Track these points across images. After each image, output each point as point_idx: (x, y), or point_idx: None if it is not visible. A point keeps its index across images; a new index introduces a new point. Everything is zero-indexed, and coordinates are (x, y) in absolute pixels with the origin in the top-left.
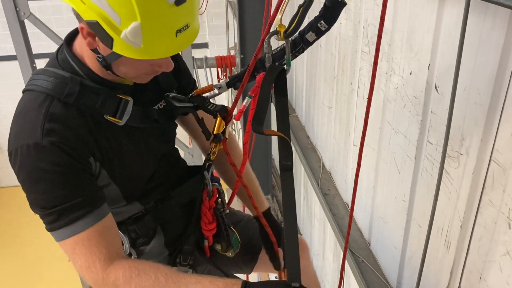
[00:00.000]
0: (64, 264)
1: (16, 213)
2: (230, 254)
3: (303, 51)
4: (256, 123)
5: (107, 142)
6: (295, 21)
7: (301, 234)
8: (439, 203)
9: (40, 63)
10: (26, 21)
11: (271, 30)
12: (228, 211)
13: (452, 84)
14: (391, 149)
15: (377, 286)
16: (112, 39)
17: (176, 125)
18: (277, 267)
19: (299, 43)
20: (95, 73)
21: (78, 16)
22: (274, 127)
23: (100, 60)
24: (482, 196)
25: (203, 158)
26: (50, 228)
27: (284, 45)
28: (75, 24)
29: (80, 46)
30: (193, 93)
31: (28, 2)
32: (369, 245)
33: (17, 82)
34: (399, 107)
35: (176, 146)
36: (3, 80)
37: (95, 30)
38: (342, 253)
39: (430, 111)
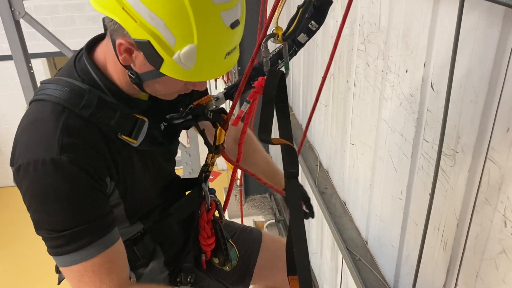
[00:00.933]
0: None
1: (15, 213)
2: (228, 268)
3: (295, 54)
4: (262, 132)
5: (122, 160)
6: (295, 22)
7: None
8: (435, 202)
9: (36, 63)
10: (22, 21)
11: (268, 33)
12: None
13: (448, 82)
14: (388, 148)
15: (374, 284)
16: (162, 60)
17: (178, 143)
18: None
19: (291, 46)
20: (117, 86)
21: (117, 31)
22: (274, 132)
23: (133, 77)
24: (478, 194)
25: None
26: (55, 253)
27: (277, 49)
28: (71, 23)
29: (105, 55)
30: (191, 105)
31: (24, 1)
32: (366, 243)
33: (13, 82)
34: (395, 105)
35: None
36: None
37: (144, 50)
38: (339, 252)
39: (426, 109)
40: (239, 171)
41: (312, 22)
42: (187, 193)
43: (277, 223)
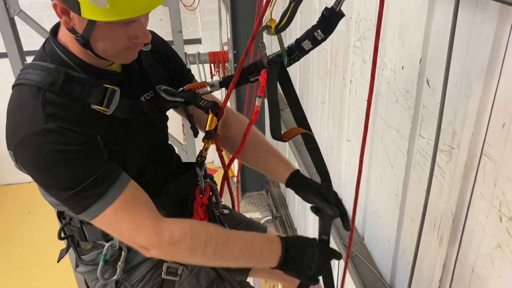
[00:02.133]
0: (61, 264)
1: (12, 212)
2: None
3: (298, 59)
4: (274, 130)
5: (102, 127)
6: (286, 16)
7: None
8: (431, 197)
9: (31, 61)
10: (16, 18)
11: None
12: (227, 211)
13: (444, 78)
14: (384, 144)
15: (371, 280)
16: (78, 3)
17: (167, 118)
18: None
19: (294, 51)
20: (82, 60)
21: None
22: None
23: (78, 38)
24: (474, 190)
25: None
26: (83, 208)
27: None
28: None
29: (63, 34)
30: (185, 87)
31: None
32: (363, 239)
33: (8, 80)
34: (391, 101)
35: (170, 143)
36: None
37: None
38: (336, 248)
39: (422, 105)
40: (236, 169)
41: (318, 31)
42: None
43: (274, 220)
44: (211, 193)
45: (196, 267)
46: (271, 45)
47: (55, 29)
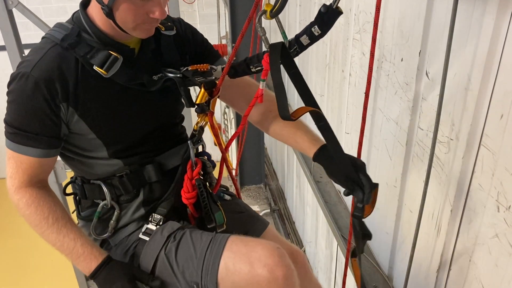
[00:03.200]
0: (56, 255)
1: (8, 205)
2: (212, 227)
3: (297, 54)
4: (281, 110)
5: (90, 92)
6: (279, 1)
7: (303, 247)
8: (430, 188)
9: None
10: (14, 10)
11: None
12: (228, 197)
13: (443, 70)
14: (383, 136)
15: (369, 271)
16: None
17: (178, 104)
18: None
19: (293, 45)
20: (101, 30)
21: None
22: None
23: (104, 8)
24: (472, 180)
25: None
26: (5, 134)
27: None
28: (63, 13)
29: (92, 7)
30: (188, 67)
31: None
32: None
33: (5, 74)
34: (390, 94)
35: (183, 125)
36: None
37: None
38: (334, 239)
39: (421, 97)
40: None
41: (316, 27)
42: None
43: (272, 213)
44: (203, 170)
45: (166, 223)
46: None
47: (85, 3)
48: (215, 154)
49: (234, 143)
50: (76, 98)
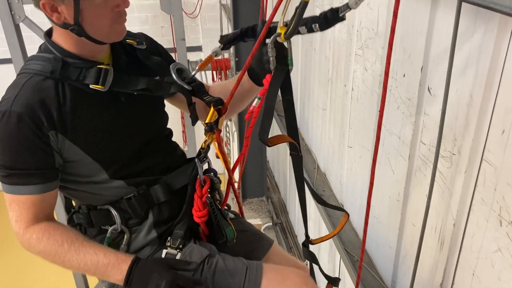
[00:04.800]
0: (59, 269)
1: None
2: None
3: (289, 37)
4: (262, 132)
5: (79, 114)
6: (293, 23)
7: (306, 264)
8: (433, 202)
9: None
10: (21, 24)
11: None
12: (233, 215)
13: (445, 86)
14: (385, 150)
15: (372, 285)
16: None
17: (163, 108)
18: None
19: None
20: (72, 53)
21: None
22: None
23: (73, 28)
24: (474, 195)
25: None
26: (0, 180)
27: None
28: None
29: (56, 35)
30: (197, 67)
31: (24, 5)
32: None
33: None
34: (393, 108)
35: (174, 140)
36: None
37: None
38: (337, 253)
39: (423, 112)
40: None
41: (316, 25)
42: None
43: (274, 226)
44: (211, 187)
45: (189, 248)
46: None
47: (48, 33)
48: (217, 166)
49: (236, 155)
50: (63, 123)
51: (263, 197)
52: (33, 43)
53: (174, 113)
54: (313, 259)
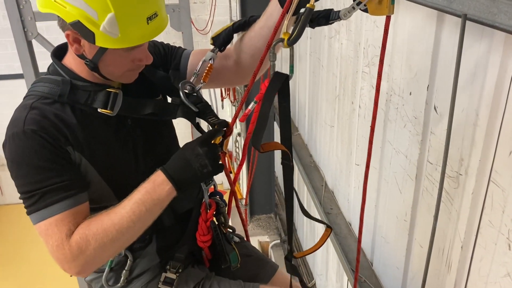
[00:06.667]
0: (67, 282)
1: (22, 230)
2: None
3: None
4: (255, 138)
5: (93, 134)
6: (297, 29)
7: (313, 280)
8: (440, 224)
9: None
10: (33, 41)
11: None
12: (237, 239)
13: (450, 105)
14: (392, 169)
15: None
16: (93, 34)
17: (170, 128)
18: None
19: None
20: (84, 79)
21: (63, 25)
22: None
23: (88, 63)
24: (482, 217)
25: None
26: (29, 211)
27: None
28: None
29: (69, 60)
30: (201, 81)
31: (36, 22)
32: (372, 264)
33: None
34: (400, 127)
35: None
36: (10, 98)
37: (78, 29)
38: (345, 274)
39: (429, 131)
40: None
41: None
42: None
43: (282, 244)
44: (216, 210)
45: (184, 272)
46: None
47: (57, 52)
48: (222, 179)
49: (244, 171)
50: (78, 141)
51: (271, 213)
52: (45, 59)
53: (184, 128)
54: (294, 272)
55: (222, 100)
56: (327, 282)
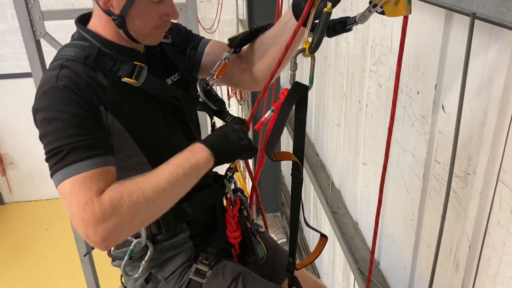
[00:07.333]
0: (75, 280)
1: (28, 228)
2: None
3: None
4: (269, 146)
5: (126, 100)
6: (316, 37)
7: (320, 279)
8: (447, 223)
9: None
10: (42, 40)
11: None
12: (263, 229)
13: (458, 104)
14: (400, 168)
15: None
16: None
17: (196, 118)
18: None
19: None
20: (110, 40)
21: None
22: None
23: (115, 18)
24: (490, 216)
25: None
26: (54, 170)
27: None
28: None
29: (94, 23)
30: (214, 77)
31: (44, 21)
32: (378, 264)
33: (29, 100)
34: (407, 126)
35: None
36: (18, 97)
37: None
38: (351, 273)
39: (437, 131)
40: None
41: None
42: None
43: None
44: (241, 206)
45: (221, 264)
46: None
47: (82, 20)
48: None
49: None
50: (110, 102)
51: (277, 212)
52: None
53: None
54: (296, 283)
55: (228, 99)
56: (333, 281)
